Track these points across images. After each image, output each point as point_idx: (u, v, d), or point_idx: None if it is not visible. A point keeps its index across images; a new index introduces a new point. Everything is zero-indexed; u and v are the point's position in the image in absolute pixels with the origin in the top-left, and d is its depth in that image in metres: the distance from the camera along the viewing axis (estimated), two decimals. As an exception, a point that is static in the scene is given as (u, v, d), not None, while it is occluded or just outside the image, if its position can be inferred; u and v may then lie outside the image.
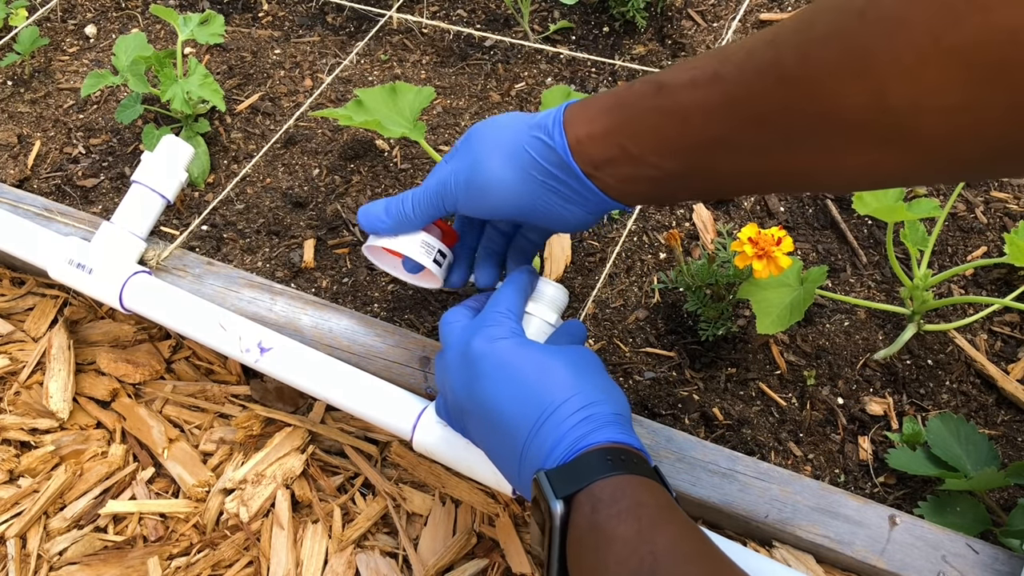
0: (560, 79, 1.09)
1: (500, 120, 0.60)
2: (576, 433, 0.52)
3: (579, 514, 0.48)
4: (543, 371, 0.55)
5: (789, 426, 0.76)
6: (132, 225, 0.83)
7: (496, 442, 0.56)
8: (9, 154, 1.08)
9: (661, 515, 0.47)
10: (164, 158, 0.85)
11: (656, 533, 0.45)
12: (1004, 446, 0.74)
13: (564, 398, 0.53)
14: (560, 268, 0.89)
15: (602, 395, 0.55)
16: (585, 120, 0.54)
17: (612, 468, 0.49)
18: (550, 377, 0.55)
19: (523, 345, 0.58)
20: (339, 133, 1.05)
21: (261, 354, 0.75)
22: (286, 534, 0.75)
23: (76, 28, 1.26)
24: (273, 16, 1.24)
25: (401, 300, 0.88)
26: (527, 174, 0.57)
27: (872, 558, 0.63)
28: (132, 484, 0.81)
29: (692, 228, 0.91)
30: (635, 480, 0.49)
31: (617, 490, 0.48)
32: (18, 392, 0.87)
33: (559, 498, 0.49)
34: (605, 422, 0.53)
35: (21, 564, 0.76)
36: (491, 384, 0.56)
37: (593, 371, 0.57)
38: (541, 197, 0.57)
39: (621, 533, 0.45)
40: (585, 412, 0.53)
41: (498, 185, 0.58)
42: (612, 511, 0.47)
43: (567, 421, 0.52)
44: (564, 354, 0.57)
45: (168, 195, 0.84)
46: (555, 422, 0.52)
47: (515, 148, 0.57)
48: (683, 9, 1.16)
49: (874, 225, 0.90)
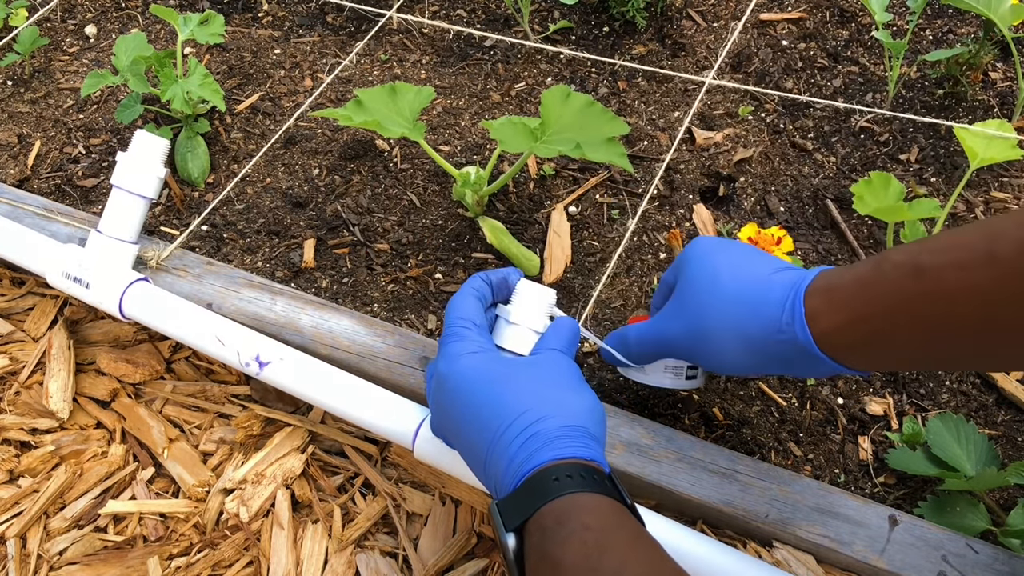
0: (560, 79, 1.09)
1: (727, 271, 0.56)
2: (522, 455, 0.50)
3: (530, 542, 0.47)
4: (496, 390, 0.53)
5: (789, 426, 0.76)
6: (119, 231, 0.82)
7: (469, 461, 0.55)
8: (9, 154, 1.08)
9: (607, 538, 0.45)
10: (138, 156, 0.82)
11: (603, 558, 0.44)
12: (1004, 446, 0.73)
13: (512, 418, 0.51)
14: (560, 268, 0.89)
15: (551, 408, 0.52)
16: (832, 310, 0.51)
17: (557, 490, 0.47)
18: (502, 396, 0.53)
19: (485, 362, 0.56)
20: (339, 133, 1.05)
21: (260, 368, 0.75)
22: (286, 534, 0.75)
23: (76, 28, 1.26)
24: (273, 16, 1.24)
25: (401, 300, 0.88)
26: (765, 359, 0.55)
27: (872, 558, 0.62)
28: (132, 484, 0.81)
29: (692, 228, 0.91)
30: (580, 500, 0.47)
31: (562, 515, 0.46)
32: (18, 392, 0.87)
33: (509, 531, 0.47)
34: (551, 437, 0.50)
35: (21, 564, 0.75)
36: (455, 405, 0.55)
37: (552, 382, 0.55)
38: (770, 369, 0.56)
39: (568, 560, 0.44)
40: (532, 430, 0.51)
41: (729, 365, 0.57)
42: (557, 538, 0.45)
43: (515, 442, 0.51)
44: (521, 369, 0.56)
45: (148, 194, 0.82)
46: (504, 444, 0.51)
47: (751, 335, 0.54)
48: (683, 9, 1.16)
49: (874, 225, 0.90)
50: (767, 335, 0.54)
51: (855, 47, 1.09)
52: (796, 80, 1.06)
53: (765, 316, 0.54)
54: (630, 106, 1.05)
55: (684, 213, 0.93)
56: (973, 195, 0.91)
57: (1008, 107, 0.99)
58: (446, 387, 0.56)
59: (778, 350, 0.54)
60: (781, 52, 1.09)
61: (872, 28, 1.10)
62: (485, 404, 0.53)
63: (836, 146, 0.98)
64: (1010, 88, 1.01)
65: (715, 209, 0.93)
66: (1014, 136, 0.77)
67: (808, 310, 0.52)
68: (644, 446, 0.69)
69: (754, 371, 0.58)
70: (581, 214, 0.94)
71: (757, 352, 0.55)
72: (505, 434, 0.51)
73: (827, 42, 1.10)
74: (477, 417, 0.53)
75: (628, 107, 1.05)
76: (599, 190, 0.96)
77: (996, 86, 1.02)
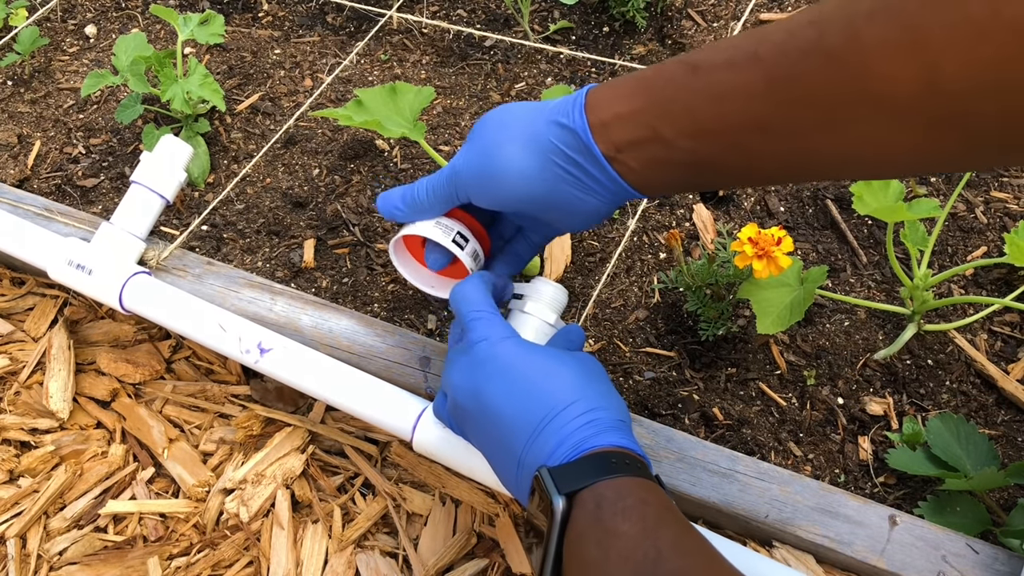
0: (560, 79, 1.09)
1: (516, 106, 0.59)
2: (579, 435, 0.52)
3: (582, 511, 0.48)
4: (548, 375, 0.55)
5: (789, 426, 0.76)
6: (131, 226, 0.83)
7: (496, 443, 0.56)
8: (9, 154, 1.08)
9: (664, 514, 0.48)
10: (163, 158, 0.85)
11: (660, 529, 0.46)
12: (1004, 446, 0.73)
13: (568, 402, 0.54)
14: (560, 268, 0.89)
15: (605, 401, 0.55)
16: (610, 101, 0.52)
17: (616, 470, 0.50)
18: (555, 381, 0.55)
19: (528, 348, 0.58)
20: (339, 133, 1.05)
21: (261, 355, 0.75)
22: (286, 534, 0.75)
23: (76, 28, 1.26)
24: (273, 16, 1.24)
25: (401, 300, 0.88)
26: (545, 159, 0.55)
27: (872, 558, 0.63)
28: (132, 484, 0.81)
29: (692, 228, 0.91)
30: (638, 481, 0.50)
31: (622, 488, 0.49)
32: (18, 392, 0.87)
33: (562, 494, 0.49)
34: (608, 427, 0.53)
35: (21, 564, 0.76)
36: (496, 385, 0.56)
37: (597, 378, 0.57)
38: (557, 185, 0.55)
39: (626, 529, 0.46)
40: (589, 416, 0.53)
41: (514, 171, 0.56)
42: (617, 508, 0.47)
43: (571, 424, 0.53)
44: (569, 359, 0.57)
45: (167, 195, 0.84)
46: (559, 424, 0.53)
47: (533, 132, 0.55)
48: (683, 9, 1.16)
49: (874, 225, 0.90)
50: (550, 128, 0.54)
51: (855, 47, 1.09)
52: (796, 80, 1.06)
53: (552, 108, 0.55)
54: (630, 106, 1.05)
55: (684, 213, 0.93)
56: (973, 195, 0.91)
57: (1008, 107, 0.99)
58: (487, 366, 0.57)
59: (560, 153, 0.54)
60: (781, 52, 1.09)
61: (872, 28, 1.10)
62: (542, 385, 0.55)
63: (836, 146, 0.98)
64: (1010, 88, 1.01)
65: (715, 209, 0.93)
66: (1014, 136, 0.77)
67: (588, 100, 0.53)
68: (644, 446, 0.69)
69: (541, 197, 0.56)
70: (581, 214, 0.94)
71: (539, 152, 0.55)
72: (562, 414, 0.53)
73: (827, 42, 1.10)
74: (529, 396, 0.54)
75: (628, 107, 1.05)
76: (599, 190, 0.96)
77: (996, 86, 1.02)
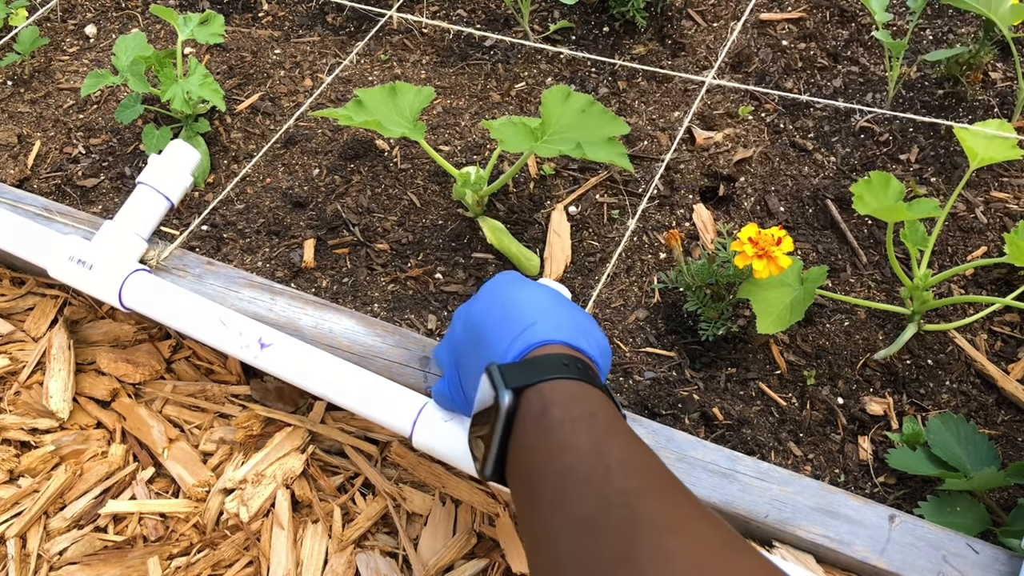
0: (560, 79, 1.09)
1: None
2: (539, 340, 0.53)
3: (527, 412, 0.48)
4: (534, 301, 0.57)
5: (789, 426, 0.76)
6: (135, 225, 0.84)
7: (476, 361, 0.57)
8: (9, 154, 1.08)
9: (612, 428, 0.47)
10: (171, 162, 0.86)
11: (608, 445, 0.46)
12: (1004, 446, 0.73)
13: (542, 317, 0.55)
14: (560, 268, 0.89)
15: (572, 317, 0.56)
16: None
17: (566, 372, 0.50)
18: (538, 306, 0.57)
19: (514, 281, 0.61)
20: (339, 133, 1.05)
21: (261, 349, 0.75)
22: (286, 534, 0.75)
23: (76, 28, 1.26)
24: (273, 16, 1.24)
25: (401, 300, 0.88)
26: None
27: (872, 558, 0.63)
28: (132, 484, 0.81)
29: (692, 228, 0.91)
30: (587, 389, 0.49)
31: (571, 397, 0.49)
32: (18, 392, 0.87)
33: (509, 388, 0.49)
34: (570, 335, 0.54)
35: (21, 564, 0.76)
36: (484, 307, 0.59)
37: (568, 303, 0.59)
38: None
39: (574, 442, 0.46)
40: (556, 329, 0.54)
41: None
42: (566, 417, 0.47)
43: (537, 334, 0.54)
44: (547, 289, 0.60)
45: (173, 198, 0.85)
46: (527, 336, 0.54)
47: None
48: (683, 9, 1.16)
49: (874, 225, 0.90)
50: None
51: (855, 47, 1.09)
52: (796, 80, 1.06)
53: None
54: (630, 106, 1.05)
55: (684, 213, 0.93)
56: (973, 195, 0.91)
57: (1008, 107, 0.99)
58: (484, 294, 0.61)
59: None
60: (781, 52, 1.09)
61: (872, 28, 1.10)
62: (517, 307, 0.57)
63: (836, 146, 0.98)
64: (1010, 88, 1.01)
65: (715, 209, 0.93)
66: (1014, 136, 0.77)
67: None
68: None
69: None
70: (581, 214, 0.94)
71: None
72: (531, 328, 0.54)
73: (827, 42, 1.10)
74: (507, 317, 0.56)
75: (628, 107, 1.05)
76: (599, 190, 0.96)
77: (996, 86, 1.02)
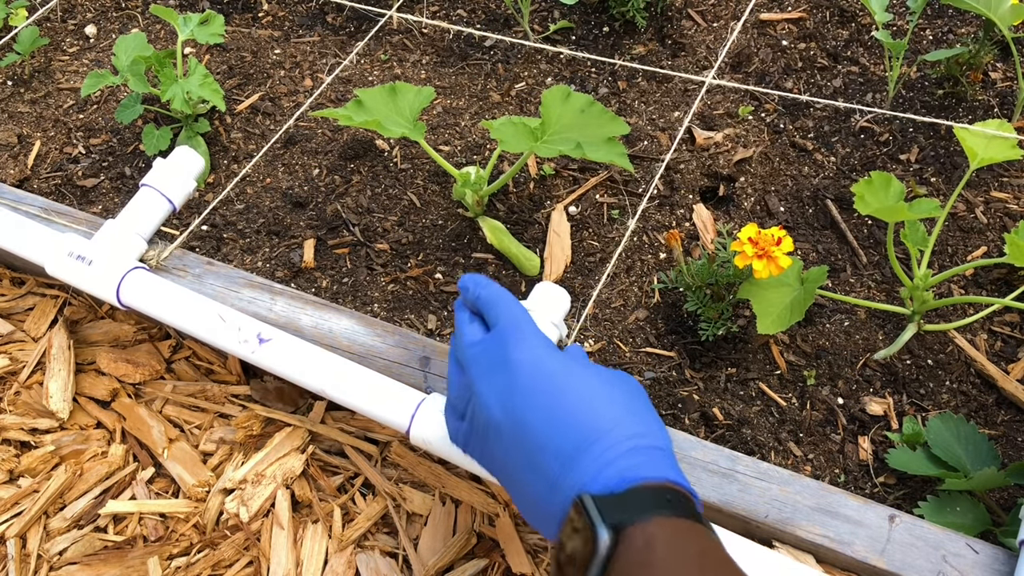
0: (560, 79, 1.09)
1: None
2: (626, 462, 0.48)
3: (630, 548, 0.44)
4: (591, 393, 0.52)
5: (789, 426, 0.76)
6: (136, 225, 0.84)
7: (526, 462, 0.52)
8: (9, 154, 1.08)
9: (723, 569, 0.44)
10: (176, 166, 0.86)
11: None
12: (1004, 446, 0.73)
13: (612, 424, 0.50)
14: (560, 268, 0.89)
15: (649, 427, 0.51)
16: None
17: (671, 509, 0.46)
18: (598, 400, 0.51)
19: (571, 362, 0.54)
20: (339, 133, 1.05)
21: (259, 344, 0.75)
22: (286, 534, 0.75)
23: (76, 28, 1.26)
24: (273, 16, 1.24)
25: (401, 300, 0.88)
26: None
27: (872, 558, 0.63)
28: (132, 484, 0.81)
29: (692, 228, 0.91)
30: (693, 527, 0.46)
31: (679, 534, 0.45)
32: (18, 392, 0.87)
33: (608, 526, 0.44)
34: (658, 458, 0.49)
35: (21, 564, 0.76)
36: (535, 399, 0.52)
37: (642, 401, 0.54)
38: None
39: None
40: (634, 442, 0.49)
41: None
42: (674, 555, 0.44)
43: (615, 448, 0.49)
44: (614, 378, 0.54)
45: (176, 202, 0.86)
46: (602, 448, 0.49)
47: None
48: (683, 9, 1.16)
49: (874, 225, 0.90)
50: None
51: (855, 47, 1.09)
52: (796, 80, 1.06)
53: None
54: (630, 106, 1.05)
55: (684, 213, 0.93)
56: (973, 195, 0.91)
57: (1008, 107, 0.99)
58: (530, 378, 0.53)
59: None
60: (781, 52, 1.09)
61: (872, 28, 1.10)
62: (582, 403, 0.51)
63: (836, 146, 0.98)
64: (1010, 88, 1.01)
65: (715, 209, 0.93)
66: (1014, 136, 0.77)
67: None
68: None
69: None
70: (581, 214, 0.94)
71: None
72: (606, 437, 0.49)
73: (827, 42, 1.10)
74: (569, 414, 0.51)
75: (628, 107, 1.05)
76: (599, 190, 0.97)
77: (996, 86, 1.02)
